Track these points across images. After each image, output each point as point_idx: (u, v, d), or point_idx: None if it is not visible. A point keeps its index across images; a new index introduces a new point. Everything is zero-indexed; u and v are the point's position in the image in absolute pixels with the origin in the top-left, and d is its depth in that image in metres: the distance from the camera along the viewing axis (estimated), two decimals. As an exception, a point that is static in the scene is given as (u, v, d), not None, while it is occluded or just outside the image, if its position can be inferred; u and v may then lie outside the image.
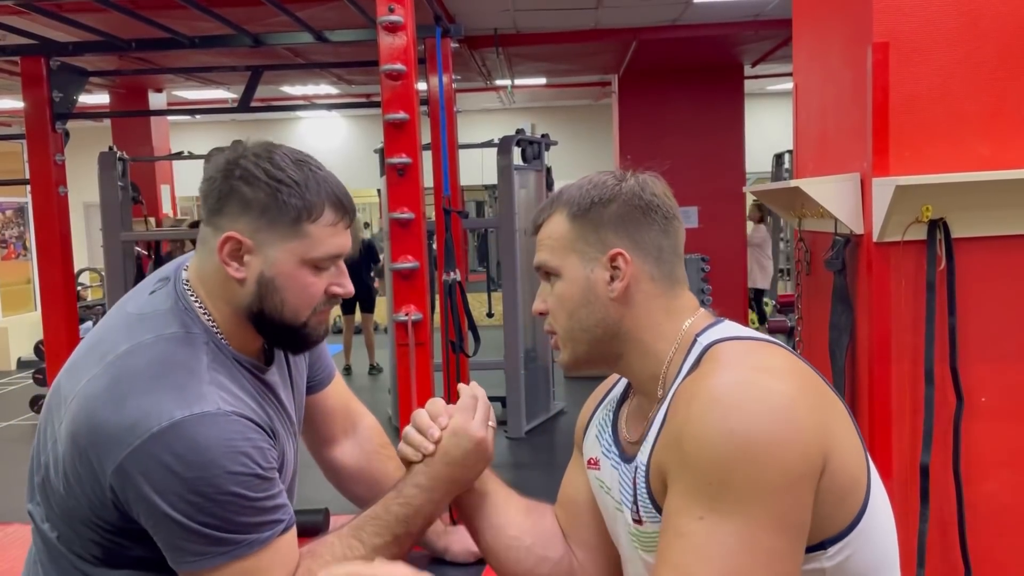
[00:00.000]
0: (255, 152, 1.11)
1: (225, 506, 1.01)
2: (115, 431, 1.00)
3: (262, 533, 1.04)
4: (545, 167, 6.28)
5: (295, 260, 1.10)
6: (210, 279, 1.13)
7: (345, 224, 1.14)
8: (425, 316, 2.99)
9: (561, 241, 1.07)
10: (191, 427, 1.00)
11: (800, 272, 2.54)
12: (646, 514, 0.99)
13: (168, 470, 0.99)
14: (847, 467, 0.93)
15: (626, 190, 1.06)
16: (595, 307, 1.05)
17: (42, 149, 3.81)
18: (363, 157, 8.87)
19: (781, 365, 0.95)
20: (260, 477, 1.03)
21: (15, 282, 10.52)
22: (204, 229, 1.13)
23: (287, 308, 1.12)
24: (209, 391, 1.04)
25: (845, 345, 2.12)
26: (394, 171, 2.86)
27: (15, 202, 10.43)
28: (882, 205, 1.93)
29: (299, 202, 1.09)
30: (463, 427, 1.15)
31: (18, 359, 9.03)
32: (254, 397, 1.12)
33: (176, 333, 1.09)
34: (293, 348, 1.20)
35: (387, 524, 1.13)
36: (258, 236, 1.09)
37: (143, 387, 1.02)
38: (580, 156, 10.15)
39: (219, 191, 1.10)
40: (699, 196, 6.83)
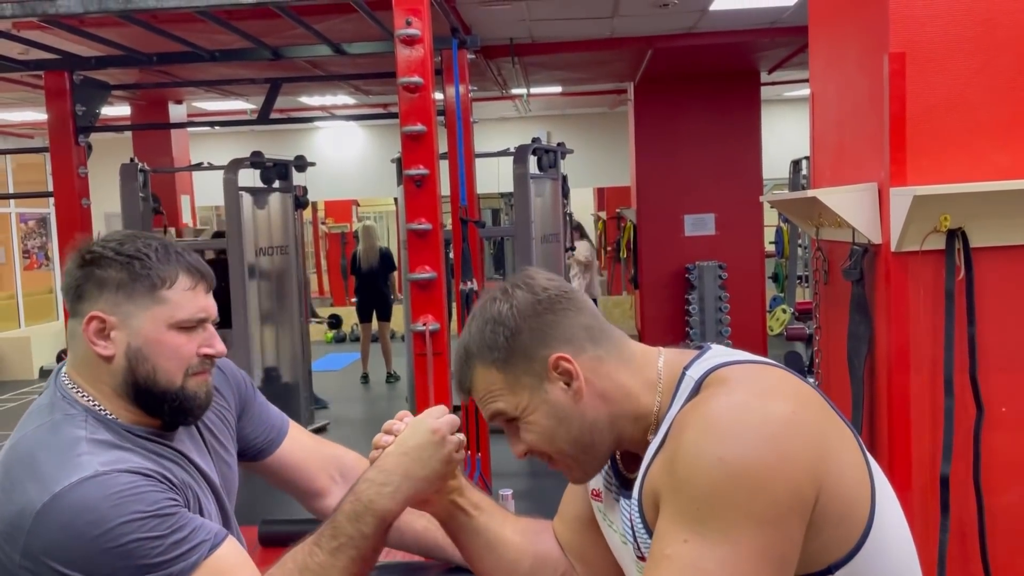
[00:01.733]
0: (104, 240, 1.18)
1: (134, 553, 1.03)
2: (11, 520, 1.04)
3: (187, 560, 1.06)
4: (561, 175, 6.30)
5: (160, 326, 1.15)
6: (84, 366, 1.17)
7: (204, 288, 1.19)
8: (443, 326, 3.01)
9: (502, 388, 1.04)
10: (72, 495, 1.03)
11: (818, 281, 2.53)
12: (645, 547, 0.99)
13: (66, 540, 1.02)
14: (845, 492, 0.93)
15: (520, 305, 1.03)
16: (571, 420, 1.03)
17: (65, 162, 3.87)
18: (380, 166, 8.91)
19: (779, 388, 0.95)
20: (157, 516, 1.05)
21: (37, 292, 10.65)
22: (71, 323, 1.18)
23: (160, 374, 1.15)
24: (85, 460, 1.07)
25: (864, 355, 2.12)
26: (412, 182, 2.89)
27: (38, 213, 10.57)
28: (900, 215, 1.93)
29: (152, 272, 1.14)
30: (421, 418, 1.17)
31: (40, 368, 9.14)
32: (150, 456, 1.14)
33: (53, 419, 1.14)
34: (178, 419, 1.20)
35: (339, 525, 1.12)
36: (119, 311, 1.14)
37: (25, 473, 1.07)
38: (596, 164, 10.14)
39: (76, 280, 1.16)
40: (716, 203, 6.82)
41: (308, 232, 12.34)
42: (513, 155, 5.67)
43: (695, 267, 6.74)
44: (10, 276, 10.23)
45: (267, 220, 5.67)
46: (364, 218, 14.92)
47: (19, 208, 10.29)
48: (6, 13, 2.96)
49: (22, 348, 9.41)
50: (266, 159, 5.49)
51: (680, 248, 6.83)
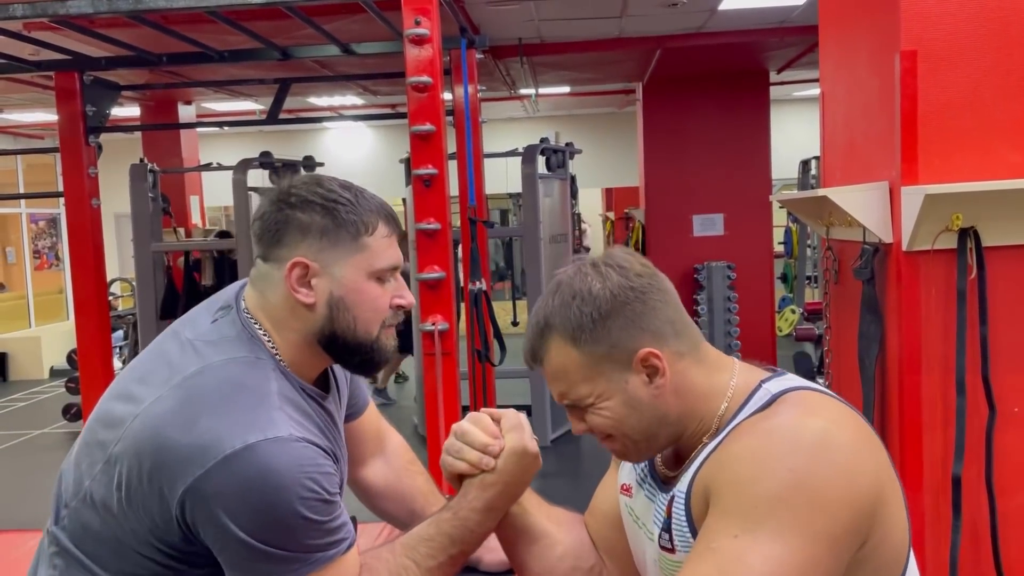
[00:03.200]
0: (303, 181, 1.14)
1: (294, 529, 1.03)
2: (186, 452, 1.01)
3: (327, 552, 1.06)
4: (569, 175, 6.29)
5: (361, 275, 1.13)
6: (276, 310, 1.14)
7: (397, 236, 1.18)
8: (451, 326, 3.01)
9: (580, 371, 1.01)
10: (263, 452, 1.01)
11: (828, 281, 2.52)
12: (680, 542, 0.99)
13: (240, 493, 1.00)
14: (891, 545, 0.94)
15: (614, 288, 1.00)
16: (643, 412, 1.01)
17: (76, 163, 3.89)
18: (389, 166, 8.93)
19: (852, 424, 0.95)
20: (327, 501, 1.05)
21: (48, 292, 10.70)
22: (262, 266, 1.15)
23: (359, 325, 1.14)
24: (279, 417, 1.05)
25: (875, 355, 2.11)
26: (420, 182, 2.89)
27: (48, 213, 10.62)
28: (911, 214, 1.92)
29: (356, 217, 1.12)
30: (521, 444, 1.13)
31: (51, 368, 9.18)
32: (317, 424, 1.14)
33: (246, 357, 1.11)
34: (366, 368, 1.20)
35: (442, 546, 1.13)
36: (322, 257, 1.11)
37: (214, 409, 1.03)
38: (604, 164, 10.13)
39: (275, 222, 1.12)
40: (725, 203, 6.80)
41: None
42: (521, 155, 5.67)
43: (704, 267, 6.72)
44: (20, 276, 10.28)
45: (276, 220, 5.67)
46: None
47: (29, 208, 10.34)
48: (17, 14, 2.98)
49: (32, 348, 9.46)
50: (275, 159, 5.50)
51: (689, 248, 6.82)
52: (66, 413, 6.51)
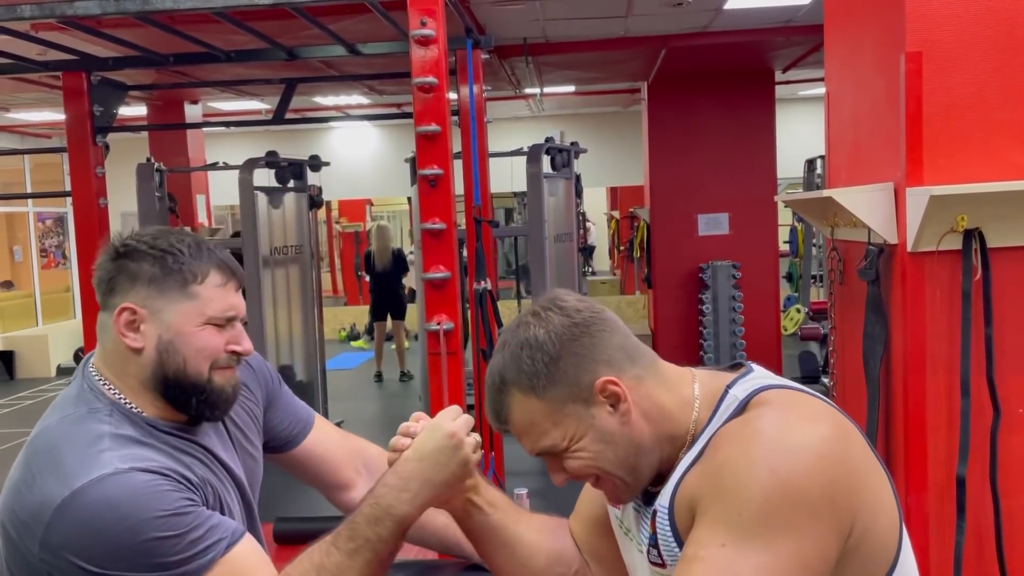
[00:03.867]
0: (137, 234, 1.18)
1: (150, 551, 1.04)
2: (31, 512, 1.06)
3: (202, 560, 1.07)
4: (574, 175, 6.29)
5: (191, 321, 1.16)
6: (113, 358, 1.18)
7: (234, 286, 1.20)
8: (457, 325, 3.01)
9: (546, 418, 1.01)
10: (91, 491, 1.04)
11: (833, 281, 2.53)
12: (669, 556, 0.99)
13: (84, 536, 1.03)
14: (878, 529, 0.95)
15: (558, 329, 1.00)
16: (618, 443, 1.01)
17: (83, 162, 3.91)
18: (394, 165, 8.93)
19: (827, 418, 0.96)
20: (176, 514, 1.06)
21: (55, 290, 10.73)
22: (100, 316, 1.19)
23: (189, 366, 1.16)
24: (106, 456, 1.08)
25: (879, 355, 2.11)
26: (426, 182, 2.89)
27: (55, 212, 10.66)
28: (916, 215, 1.92)
29: (184, 267, 1.15)
30: (437, 422, 1.16)
31: (58, 366, 9.22)
32: (171, 453, 1.15)
33: (77, 412, 1.15)
34: (207, 411, 1.21)
35: (357, 527, 1.13)
36: (150, 304, 1.15)
37: (45, 467, 1.08)
38: (609, 163, 10.13)
39: (108, 273, 1.17)
40: (729, 202, 6.80)
41: (322, 231, 12.40)
42: (526, 154, 5.67)
43: (709, 267, 6.72)
44: (28, 275, 10.32)
45: (282, 219, 5.69)
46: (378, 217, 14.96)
47: (37, 207, 10.38)
48: (24, 14, 2.99)
49: (40, 346, 9.49)
50: (281, 159, 5.52)
51: (694, 247, 6.82)
52: (73, 411, 6.52)
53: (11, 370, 9.33)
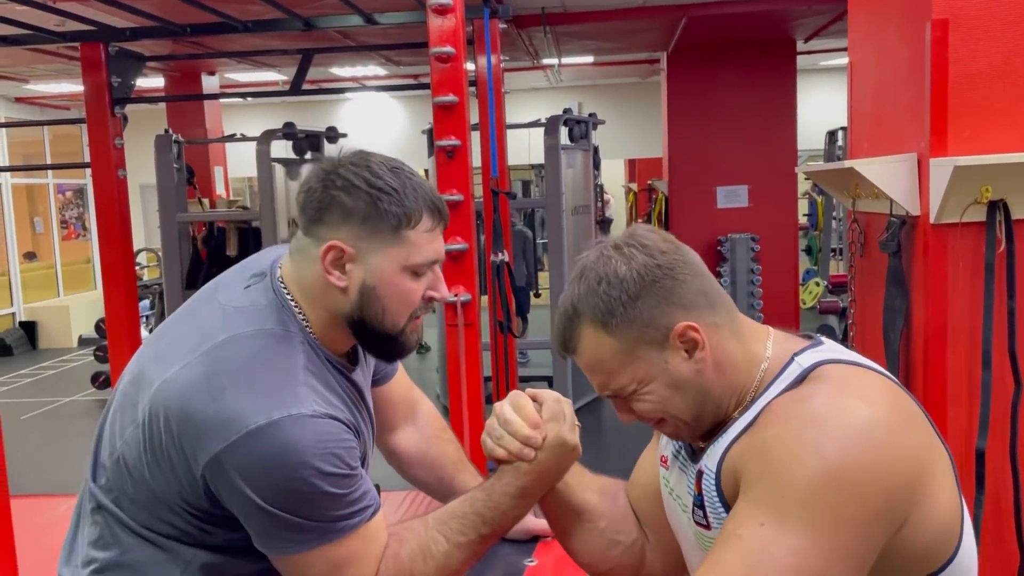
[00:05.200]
0: (352, 161, 1.12)
1: (315, 501, 1.05)
2: (212, 423, 1.04)
3: (350, 521, 1.09)
4: (592, 146, 6.26)
5: (396, 267, 1.12)
6: (309, 285, 1.15)
7: (442, 229, 1.16)
8: (474, 297, 3.02)
9: (616, 358, 0.98)
10: (286, 428, 1.03)
11: (854, 254, 2.50)
12: (715, 518, 0.98)
13: (262, 467, 1.03)
14: (937, 518, 0.92)
15: (640, 268, 0.97)
16: (688, 391, 0.99)
17: (102, 134, 3.92)
18: (411, 136, 8.92)
19: (886, 401, 0.92)
20: (347, 475, 1.08)
21: (76, 261, 10.84)
22: (302, 238, 1.15)
23: (387, 315, 1.14)
24: (304, 393, 1.07)
25: (900, 328, 2.10)
26: (443, 153, 2.89)
27: (75, 184, 10.74)
28: (939, 186, 1.90)
29: (399, 209, 1.10)
30: (561, 437, 1.13)
31: (79, 336, 9.33)
32: (342, 397, 1.15)
33: (275, 330, 1.12)
34: (389, 356, 1.22)
35: (473, 525, 1.14)
36: (360, 244, 1.11)
37: (241, 382, 1.06)
38: (628, 135, 10.06)
39: (319, 201, 1.12)
40: (749, 174, 6.74)
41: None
42: (544, 126, 5.64)
43: (727, 239, 6.68)
44: (49, 246, 10.42)
45: (299, 191, 5.70)
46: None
47: (57, 179, 10.45)
48: (43, -15, 2.99)
49: (61, 317, 9.61)
50: (298, 130, 5.51)
51: (712, 220, 6.77)
52: (95, 381, 6.62)
53: (33, 340, 9.46)
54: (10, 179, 9.58)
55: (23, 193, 10.12)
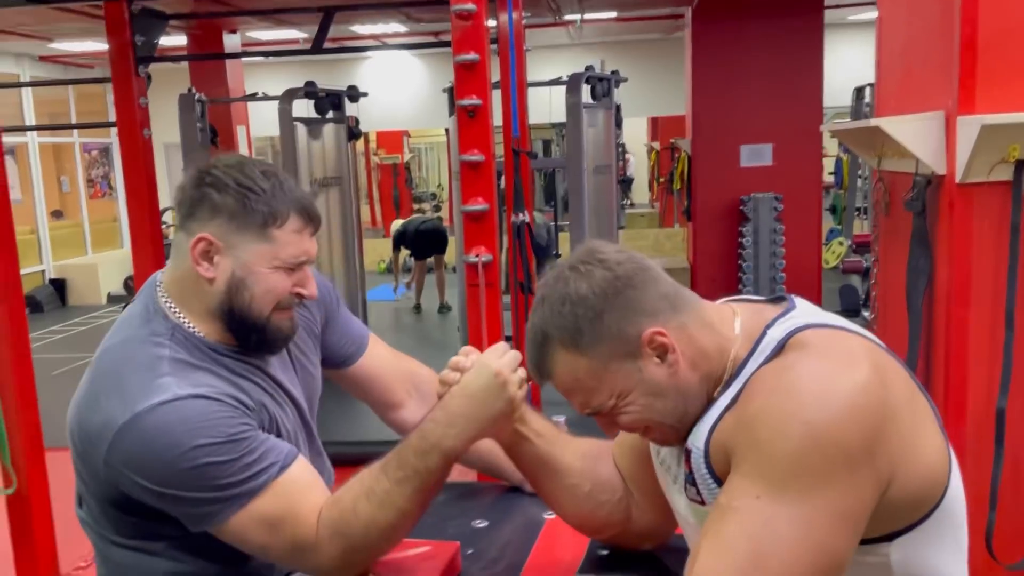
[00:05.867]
0: (226, 163, 1.19)
1: (203, 473, 1.10)
2: (94, 430, 1.12)
3: (255, 482, 1.13)
4: (614, 104, 6.19)
5: (264, 262, 1.18)
6: (183, 281, 1.21)
7: (310, 231, 1.21)
8: (495, 257, 3.03)
9: (592, 376, 1.00)
10: (150, 417, 1.10)
11: (878, 213, 2.49)
12: (708, 494, 1.00)
13: (142, 456, 1.10)
14: (921, 470, 0.93)
15: (600, 283, 0.98)
16: (667, 394, 1.00)
17: (127, 93, 3.94)
18: (432, 95, 8.87)
19: (865, 361, 0.93)
20: (229, 441, 1.12)
21: (103, 220, 10.97)
22: (177, 235, 1.21)
23: (254, 304, 1.19)
24: (165, 382, 1.13)
25: (922, 288, 2.09)
26: (464, 113, 2.88)
27: (100, 143, 10.81)
28: (967, 145, 1.87)
29: (266, 208, 1.16)
30: (484, 360, 1.17)
31: (108, 294, 9.48)
32: (227, 377, 1.19)
33: (137, 334, 1.20)
34: (262, 347, 1.24)
35: (405, 458, 1.17)
36: (228, 239, 1.17)
37: (111, 387, 1.14)
38: (650, 92, 9.93)
39: (191, 198, 1.18)
40: (774, 133, 6.65)
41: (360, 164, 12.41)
42: (566, 84, 5.58)
43: (750, 199, 6.62)
44: (76, 205, 10.54)
45: (321, 151, 5.72)
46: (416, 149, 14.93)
47: (82, 138, 10.53)
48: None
49: (90, 275, 9.76)
50: (319, 89, 5.51)
51: (735, 179, 6.71)
52: (123, 338, 6.73)
53: (63, 297, 9.62)
54: (37, 138, 9.66)
55: (49, 152, 10.21)
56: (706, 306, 1.05)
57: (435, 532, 1.38)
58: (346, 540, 1.15)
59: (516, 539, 1.42)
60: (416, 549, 1.30)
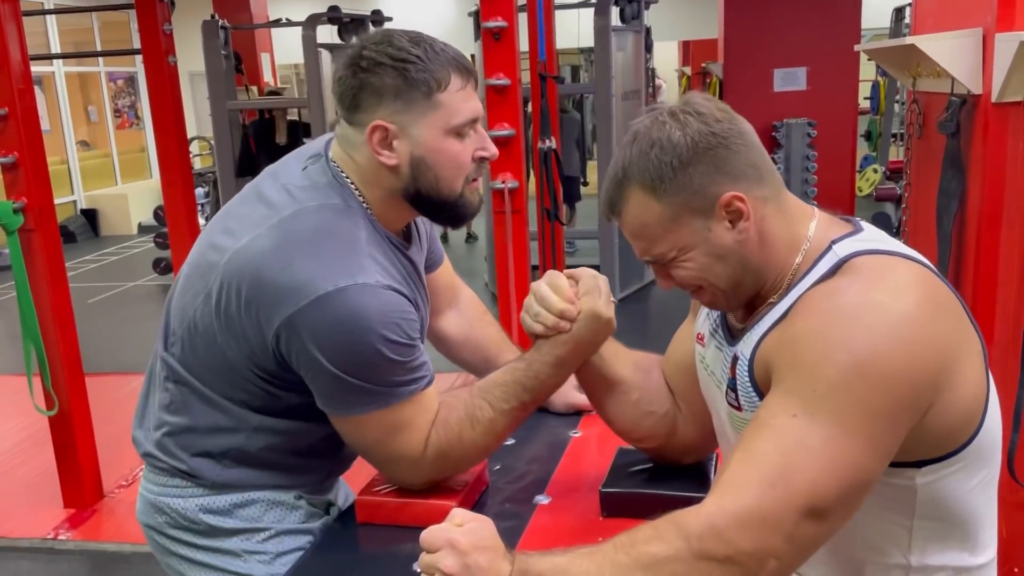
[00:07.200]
0: (374, 41, 1.15)
1: (377, 366, 1.12)
2: (283, 290, 1.10)
3: (407, 388, 1.16)
4: (644, 28, 6.06)
5: (439, 132, 1.15)
6: (362, 168, 1.19)
7: (473, 86, 1.18)
8: (521, 184, 3.02)
9: (660, 224, 0.99)
10: (353, 295, 1.09)
11: (911, 136, 2.44)
12: (747, 402, 1.01)
13: (330, 331, 1.09)
14: (961, 402, 0.93)
15: (694, 134, 0.96)
16: (728, 260, 0.99)
17: (151, 20, 3.92)
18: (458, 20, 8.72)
19: (916, 292, 0.92)
20: (408, 344, 1.14)
21: (131, 150, 11.03)
22: (346, 128, 1.19)
23: (442, 183, 1.18)
24: (368, 263, 1.13)
25: (953, 211, 2.06)
26: (490, 35, 2.84)
27: (125, 72, 10.80)
28: (1004, 63, 1.82)
29: (427, 75, 1.13)
30: (595, 310, 1.18)
31: (139, 224, 9.60)
32: (400, 272, 1.20)
33: (337, 204, 1.17)
34: (454, 222, 1.25)
35: (515, 393, 1.21)
36: (399, 119, 1.14)
37: (310, 251, 1.11)
38: (682, 14, 9.68)
39: (351, 88, 1.15)
40: (808, 55, 6.46)
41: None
42: (594, 6, 5.46)
43: (783, 125, 6.48)
44: (104, 135, 10.60)
45: (346, 77, 5.66)
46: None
47: (108, 67, 10.52)
48: None
49: (120, 205, 9.87)
50: (343, 14, 5.43)
51: (768, 105, 6.56)
52: (156, 266, 6.86)
53: (95, 228, 9.76)
54: (63, 68, 9.67)
55: (75, 81, 10.23)
56: (789, 195, 1.03)
57: (464, 449, 1.42)
58: (446, 461, 1.21)
59: (542, 455, 1.46)
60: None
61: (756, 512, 0.86)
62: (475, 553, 0.90)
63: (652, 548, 0.88)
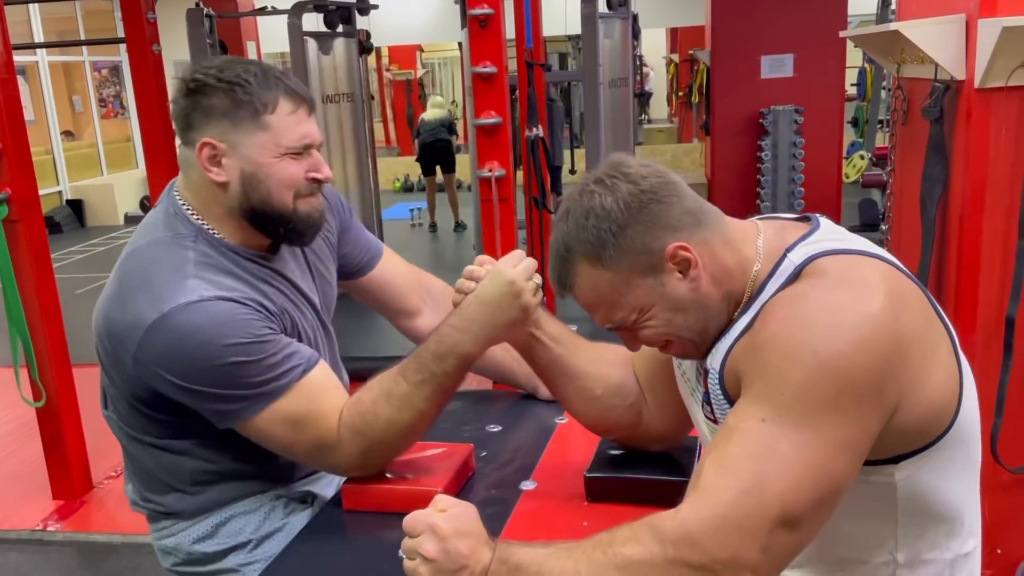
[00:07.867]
0: (207, 65, 1.19)
1: (233, 372, 1.14)
2: (126, 328, 1.16)
3: (280, 381, 1.17)
4: (631, 14, 6.05)
5: (269, 153, 1.18)
6: (198, 189, 1.23)
7: (305, 112, 1.21)
8: (508, 172, 3.03)
9: (614, 291, 1.00)
10: (179, 316, 1.13)
11: (896, 122, 2.45)
12: (721, 415, 1.01)
13: (171, 354, 1.13)
14: (932, 395, 0.94)
15: (625, 197, 0.98)
16: (688, 309, 1.00)
17: (135, 7, 3.88)
18: (445, 7, 8.67)
19: (880, 290, 0.92)
20: (256, 342, 1.15)
21: (116, 140, 10.95)
22: (183, 151, 1.22)
23: (273, 197, 1.20)
24: (192, 284, 1.15)
25: (937, 196, 2.07)
26: (476, 23, 2.83)
27: (109, 61, 10.70)
28: (986, 48, 1.83)
29: (253, 98, 1.16)
30: (499, 268, 1.21)
31: (125, 214, 9.54)
32: (251, 281, 1.22)
33: (164, 236, 1.22)
34: (292, 238, 1.27)
35: (423, 361, 1.21)
36: (229, 138, 1.18)
37: (139, 286, 1.17)
38: (669, 2, 9.66)
39: (183, 109, 1.19)
40: (794, 42, 6.47)
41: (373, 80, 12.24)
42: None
43: (770, 112, 6.50)
44: (89, 125, 10.51)
45: (332, 66, 5.63)
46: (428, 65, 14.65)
47: (92, 56, 10.42)
48: None
49: (106, 195, 9.80)
50: (329, 2, 5.40)
51: (755, 92, 6.56)
52: (143, 258, 6.80)
53: (81, 218, 9.69)
54: (47, 57, 9.57)
55: (59, 71, 10.13)
56: (730, 223, 1.04)
57: (451, 437, 1.43)
58: (366, 439, 1.21)
59: (528, 442, 1.47)
60: (432, 450, 1.35)
61: (731, 520, 0.87)
62: (456, 539, 0.91)
63: (627, 550, 0.88)
